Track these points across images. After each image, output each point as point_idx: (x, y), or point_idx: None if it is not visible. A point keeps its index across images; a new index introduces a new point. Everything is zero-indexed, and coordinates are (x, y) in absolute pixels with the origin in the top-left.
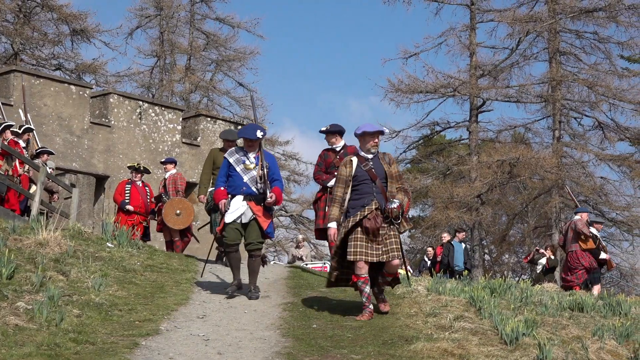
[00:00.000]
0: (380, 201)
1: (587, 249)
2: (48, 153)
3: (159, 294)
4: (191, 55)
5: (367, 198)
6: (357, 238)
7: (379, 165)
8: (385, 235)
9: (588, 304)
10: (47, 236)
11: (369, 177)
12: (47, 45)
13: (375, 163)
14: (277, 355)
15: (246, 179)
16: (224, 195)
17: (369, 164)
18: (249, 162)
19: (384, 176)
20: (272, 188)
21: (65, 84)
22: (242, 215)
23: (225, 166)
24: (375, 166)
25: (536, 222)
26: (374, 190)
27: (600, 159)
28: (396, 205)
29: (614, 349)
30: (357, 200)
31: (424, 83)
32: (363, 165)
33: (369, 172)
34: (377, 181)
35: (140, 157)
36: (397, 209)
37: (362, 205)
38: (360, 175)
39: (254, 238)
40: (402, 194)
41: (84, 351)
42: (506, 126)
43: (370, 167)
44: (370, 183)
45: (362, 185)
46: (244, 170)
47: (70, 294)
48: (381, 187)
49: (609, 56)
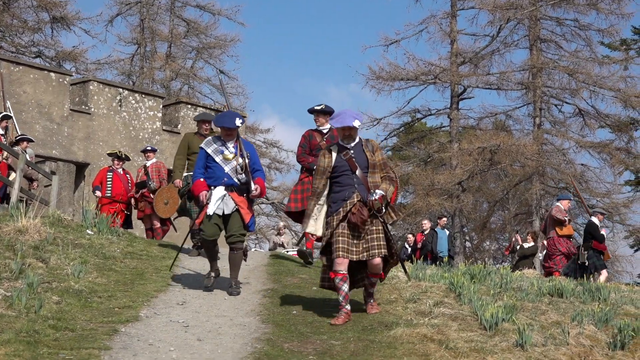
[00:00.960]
0: (362, 193)
1: (564, 234)
2: (27, 140)
3: (138, 281)
4: (172, 43)
5: (348, 190)
6: (340, 234)
7: (361, 153)
8: (368, 231)
9: (567, 290)
10: (26, 223)
11: (349, 168)
12: (27, 32)
13: (357, 151)
14: (257, 341)
15: (227, 170)
16: (204, 186)
17: (350, 153)
18: (228, 152)
19: (366, 165)
20: (255, 179)
21: (45, 71)
22: (223, 207)
23: (202, 157)
24: (357, 155)
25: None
26: (354, 182)
27: (580, 146)
28: (378, 196)
29: (593, 334)
30: (338, 193)
31: (405, 70)
32: (343, 154)
33: (349, 161)
34: (357, 171)
35: (120, 145)
36: (378, 200)
37: (344, 199)
38: (340, 165)
39: (235, 230)
40: (386, 183)
41: (63, 338)
42: (487, 113)
43: (351, 156)
44: (351, 174)
45: (343, 176)
46: (223, 160)
47: (50, 280)
48: (363, 178)
49: (589, 43)
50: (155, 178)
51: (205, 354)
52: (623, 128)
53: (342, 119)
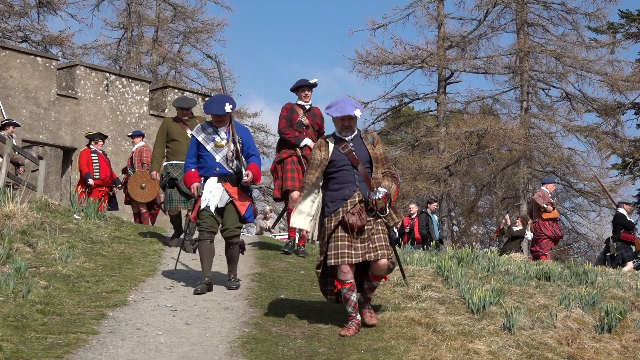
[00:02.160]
0: (363, 191)
1: (550, 218)
2: (14, 125)
3: (126, 265)
4: (158, 27)
5: (348, 188)
6: (339, 237)
7: (361, 146)
8: (372, 231)
9: (555, 273)
10: (13, 208)
11: (350, 162)
12: (13, 17)
13: (357, 144)
14: (245, 325)
15: (219, 159)
16: (196, 177)
17: (349, 146)
18: (220, 138)
19: (367, 160)
20: (248, 165)
21: (31, 56)
22: (217, 201)
23: (193, 145)
24: (357, 148)
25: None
26: (355, 179)
27: (567, 130)
28: (381, 195)
29: (580, 317)
30: (336, 192)
31: (392, 55)
32: (341, 147)
33: (349, 155)
34: (359, 167)
35: (107, 129)
36: (382, 199)
37: (343, 198)
38: (338, 160)
39: (230, 224)
40: (388, 180)
41: (51, 322)
42: (474, 97)
43: (351, 149)
44: (352, 169)
45: (342, 172)
46: (214, 148)
47: (37, 265)
48: (364, 174)
49: (576, 27)
50: (137, 162)
51: (193, 338)
52: (610, 112)
53: (342, 108)
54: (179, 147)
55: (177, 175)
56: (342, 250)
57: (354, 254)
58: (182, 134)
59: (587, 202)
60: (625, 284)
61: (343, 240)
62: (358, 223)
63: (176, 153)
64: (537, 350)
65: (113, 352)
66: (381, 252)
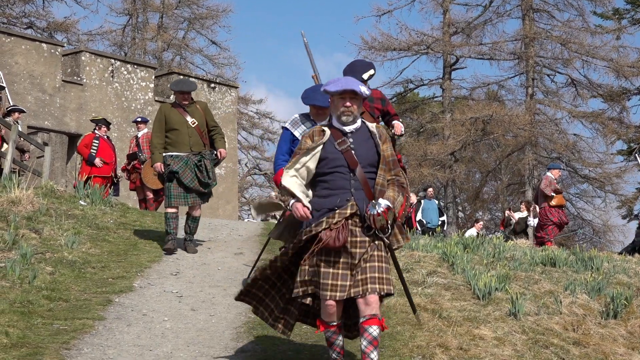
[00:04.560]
0: (360, 202)
1: (556, 205)
2: (19, 111)
3: (132, 251)
4: (163, 13)
5: (340, 196)
6: (324, 261)
7: (364, 142)
8: (366, 257)
9: (560, 259)
10: (19, 194)
11: (345, 163)
12: (18, 3)
13: (359, 140)
14: (251, 311)
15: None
16: None
17: (348, 142)
18: None
19: (370, 161)
20: None
21: (36, 42)
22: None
23: (287, 141)
24: (358, 145)
25: (509, 179)
26: (351, 185)
27: (573, 116)
28: (382, 209)
29: (586, 302)
30: (324, 199)
31: (398, 41)
32: (338, 142)
33: (347, 154)
34: (357, 169)
35: (112, 115)
36: (382, 215)
37: (332, 208)
38: (332, 158)
39: None
40: (394, 191)
41: (57, 308)
42: (479, 84)
43: (349, 146)
44: (348, 172)
45: (334, 174)
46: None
47: (43, 251)
48: (363, 180)
49: (581, 13)
50: (145, 149)
51: (199, 323)
52: (615, 98)
53: (343, 82)
54: (179, 136)
55: (178, 168)
56: (330, 282)
57: (340, 285)
58: (183, 122)
59: (592, 188)
60: (631, 269)
61: (328, 264)
62: (331, 243)
63: (176, 144)
64: (542, 336)
65: (119, 337)
66: (371, 287)
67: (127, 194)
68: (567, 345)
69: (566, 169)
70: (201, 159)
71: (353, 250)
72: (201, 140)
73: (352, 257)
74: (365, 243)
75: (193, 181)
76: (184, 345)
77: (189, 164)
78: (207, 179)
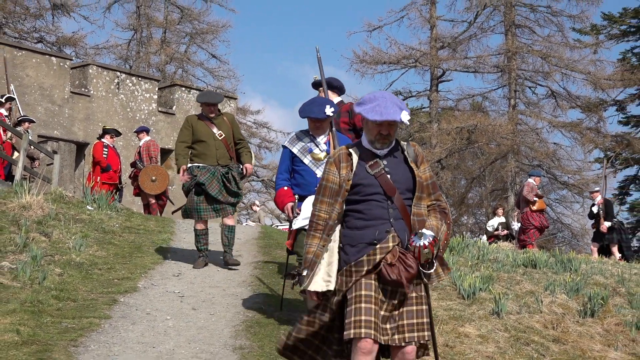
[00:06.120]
0: (400, 233)
1: (537, 209)
2: (30, 121)
3: (136, 253)
4: (166, 29)
5: (378, 227)
6: (365, 297)
7: (400, 165)
8: (404, 297)
9: (541, 261)
10: (30, 200)
11: (382, 190)
12: (29, 19)
13: (394, 163)
14: (249, 310)
15: (319, 174)
16: (290, 197)
17: (381, 165)
18: (319, 149)
19: (407, 187)
20: None
21: (46, 56)
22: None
23: (287, 158)
24: (393, 169)
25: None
26: (390, 214)
27: (553, 126)
28: (428, 240)
29: (565, 302)
30: (359, 231)
31: (387, 55)
32: (370, 165)
33: (382, 179)
34: (395, 196)
35: (118, 125)
36: (429, 247)
37: (371, 242)
38: (365, 184)
39: None
40: (437, 219)
41: (65, 307)
42: (465, 95)
43: (383, 169)
44: (384, 200)
45: (369, 202)
46: (313, 162)
47: (52, 254)
48: (402, 207)
49: (561, 29)
50: (145, 157)
51: (200, 322)
52: (593, 109)
53: (383, 108)
54: (206, 148)
55: (205, 180)
56: (365, 317)
57: (382, 327)
58: (210, 134)
59: (571, 194)
60: (607, 271)
61: (369, 301)
62: (407, 275)
63: (202, 155)
64: (524, 334)
65: (124, 335)
66: (409, 335)
67: (131, 199)
68: (547, 342)
69: (546, 175)
70: (228, 171)
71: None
72: (228, 153)
73: (393, 295)
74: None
75: (220, 193)
76: (185, 343)
77: (216, 175)
78: (237, 188)
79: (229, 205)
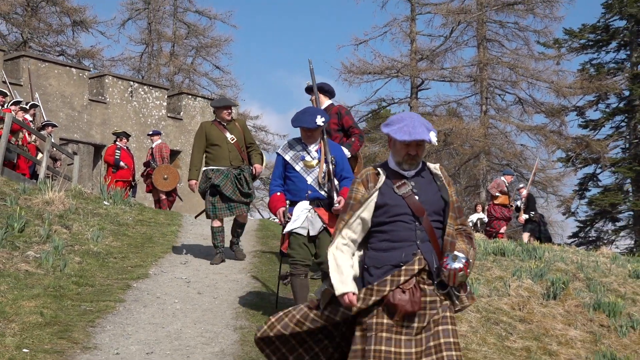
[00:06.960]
0: (428, 255)
1: (499, 203)
2: (52, 125)
3: (148, 244)
4: (175, 43)
5: (405, 249)
6: (382, 325)
7: (428, 187)
8: (437, 317)
9: (509, 250)
10: (52, 196)
11: (410, 211)
12: (52, 34)
13: (421, 184)
14: (248, 294)
15: (310, 181)
16: (282, 202)
17: (409, 186)
18: (310, 157)
19: (436, 208)
20: (342, 189)
21: (67, 67)
22: (308, 226)
23: (280, 165)
24: (421, 190)
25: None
26: (417, 236)
27: (520, 130)
28: (463, 263)
29: (530, 286)
30: (385, 253)
31: (372, 66)
32: (397, 185)
33: (409, 200)
34: (424, 218)
35: (132, 129)
36: (462, 271)
37: (396, 264)
38: (392, 205)
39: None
40: (464, 242)
41: (84, 292)
42: (441, 102)
43: (411, 191)
44: (412, 221)
45: (396, 224)
46: (304, 169)
47: (73, 244)
48: (429, 229)
49: (527, 42)
50: (158, 157)
51: (205, 305)
52: (556, 114)
53: (411, 128)
54: (219, 152)
55: (219, 182)
56: (385, 348)
57: (404, 354)
58: (223, 138)
59: (536, 189)
60: (568, 258)
61: (389, 330)
62: (408, 308)
63: (217, 158)
64: (493, 315)
65: (137, 317)
66: (448, 354)
67: (144, 196)
68: (514, 322)
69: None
70: (240, 172)
71: (422, 312)
72: (240, 155)
73: (421, 319)
74: (435, 303)
75: (234, 193)
76: (192, 323)
77: (229, 176)
78: (248, 189)
79: (242, 205)
